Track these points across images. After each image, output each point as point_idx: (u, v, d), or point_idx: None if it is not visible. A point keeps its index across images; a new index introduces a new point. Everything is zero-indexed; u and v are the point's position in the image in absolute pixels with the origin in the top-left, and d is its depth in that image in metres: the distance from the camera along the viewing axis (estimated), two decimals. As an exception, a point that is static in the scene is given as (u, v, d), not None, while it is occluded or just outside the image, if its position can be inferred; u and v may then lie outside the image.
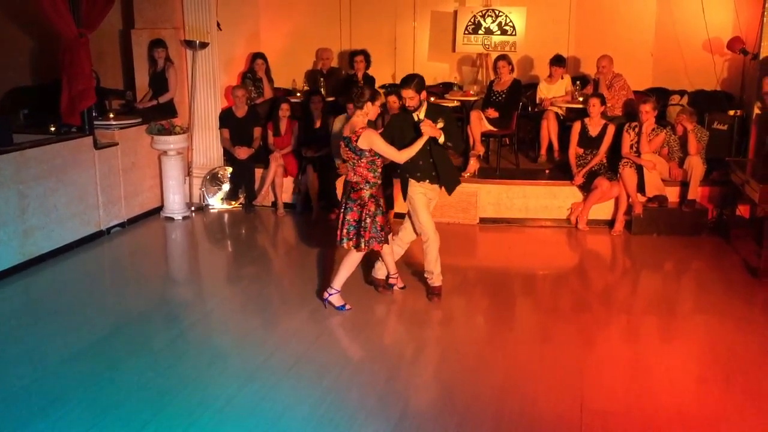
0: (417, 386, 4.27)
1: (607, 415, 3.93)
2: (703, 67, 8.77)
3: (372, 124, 5.56)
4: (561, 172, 7.72)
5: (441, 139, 5.18)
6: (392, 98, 7.83)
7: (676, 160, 7.28)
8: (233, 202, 8.23)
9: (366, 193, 5.14)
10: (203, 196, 8.29)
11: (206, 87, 8.25)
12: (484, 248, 7.25)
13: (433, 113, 5.28)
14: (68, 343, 4.84)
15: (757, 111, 7.28)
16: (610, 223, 7.35)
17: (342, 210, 5.24)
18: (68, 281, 6.17)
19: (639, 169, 7.14)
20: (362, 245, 5.15)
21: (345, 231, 5.19)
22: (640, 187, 7.15)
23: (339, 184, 7.82)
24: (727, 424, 3.85)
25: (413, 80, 5.21)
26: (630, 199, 7.17)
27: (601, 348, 4.91)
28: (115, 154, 7.26)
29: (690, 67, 8.84)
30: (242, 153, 8.09)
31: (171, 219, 7.81)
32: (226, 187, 8.27)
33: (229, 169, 8.26)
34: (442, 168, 5.39)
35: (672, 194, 7.27)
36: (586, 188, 7.34)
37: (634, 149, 7.24)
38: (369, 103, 5.08)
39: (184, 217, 7.87)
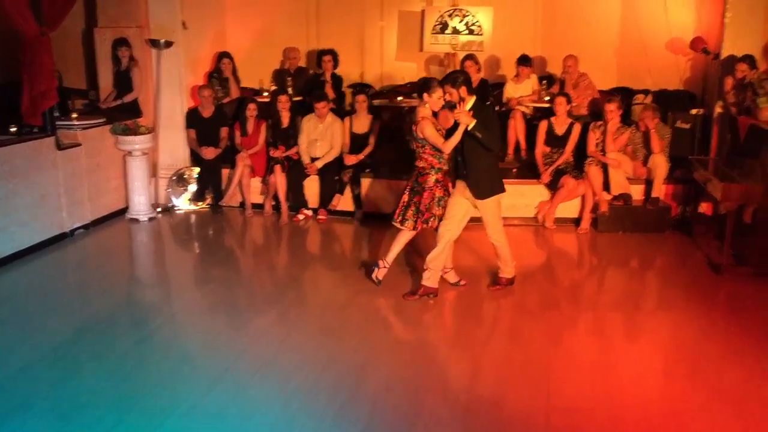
0: (385, 387, 4.26)
1: (574, 412, 3.97)
2: (666, 67, 8.91)
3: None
4: (528, 170, 7.78)
5: (470, 126, 5.19)
6: (361, 97, 7.85)
7: (641, 159, 7.38)
8: (200, 203, 8.15)
9: (432, 178, 5.50)
10: (169, 197, 8.19)
11: (172, 86, 8.16)
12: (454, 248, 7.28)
13: (477, 110, 5.31)
14: (31, 347, 4.74)
15: (718, 110, 7.42)
16: (577, 221, 7.43)
17: (408, 192, 5.61)
18: (30, 284, 6.04)
19: (604, 168, 7.23)
20: (418, 225, 5.54)
21: (410, 212, 5.55)
22: (606, 186, 7.24)
23: (307, 184, 7.80)
24: (692, 419, 3.91)
25: (451, 75, 5.43)
26: (596, 197, 7.25)
27: (568, 345, 4.96)
28: (78, 155, 7.13)
29: (653, 66, 8.97)
30: (209, 153, 8.01)
31: (136, 220, 7.71)
32: (192, 187, 8.19)
33: (196, 170, 8.17)
34: (472, 166, 5.37)
35: (636, 192, 7.37)
36: (553, 187, 7.41)
37: (600, 148, 7.33)
38: (426, 95, 5.41)
39: (150, 219, 7.76)
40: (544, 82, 8.60)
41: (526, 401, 4.09)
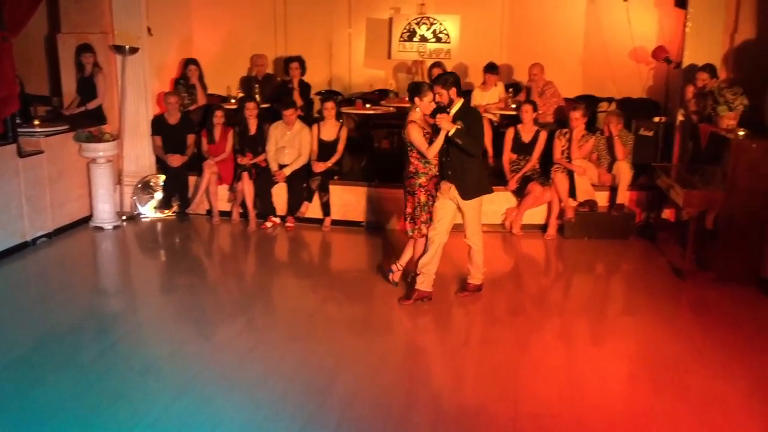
0: (353, 394, 4.25)
1: (540, 418, 3.99)
2: (629, 76, 9.07)
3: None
4: (495, 177, 7.81)
5: (451, 132, 5.23)
6: (329, 104, 7.84)
7: (605, 166, 7.48)
8: (166, 211, 8.05)
9: (416, 182, 5.55)
10: (135, 204, 8.08)
11: (137, 93, 8.06)
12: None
13: (464, 113, 5.38)
14: (-10, 359, 4.64)
15: (680, 118, 7.56)
16: (544, 228, 7.50)
17: (404, 199, 5.69)
18: (-9, 295, 5.92)
19: (570, 175, 7.31)
20: (414, 232, 5.63)
21: (407, 220, 5.66)
22: (572, 192, 7.32)
23: (276, 192, 7.76)
24: (656, 423, 3.96)
25: (442, 77, 5.52)
26: (562, 204, 7.33)
27: (536, 351, 4.99)
28: (40, 162, 7.00)
29: (617, 75, 9.12)
30: (175, 160, 7.93)
31: (101, 229, 7.59)
32: (158, 195, 8.09)
33: (162, 177, 8.08)
34: (458, 167, 5.40)
35: (601, 199, 7.47)
36: (520, 193, 7.47)
37: (566, 155, 7.41)
38: (417, 98, 5.44)
39: (115, 227, 7.65)
40: (511, 90, 8.69)
41: (494, 407, 4.10)
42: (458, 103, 5.37)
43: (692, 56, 7.39)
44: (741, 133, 5.95)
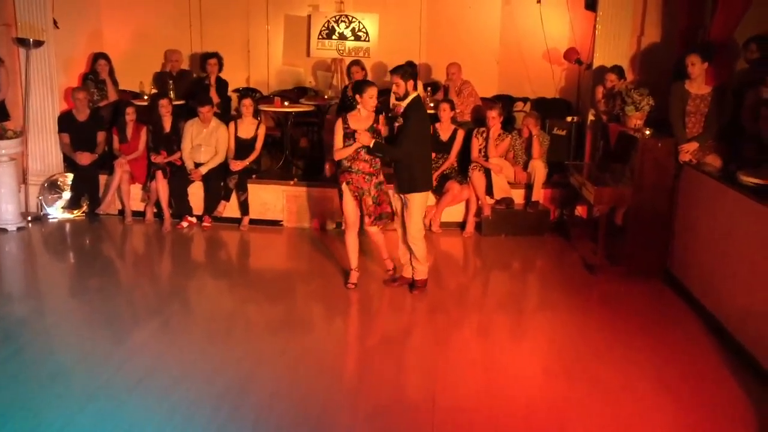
0: (271, 395, 4.18)
1: (458, 412, 4.04)
2: (543, 76, 9.29)
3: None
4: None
5: (371, 145, 5.45)
6: (247, 101, 7.72)
7: (521, 164, 7.65)
8: (75, 211, 7.73)
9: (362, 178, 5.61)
10: (41, 205, 7.73)
11: (42, 88, 7.74)
12: (340, 253, 7.26)
13: (411, 109, 5.46)
14: None
15: (591, 117, 7.80)
16: (462, 225, 7.60)
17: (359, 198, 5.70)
18: None
19: (487, 173, 7.43)
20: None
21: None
22: (489, 190, 7.45)
23: (192, 191, 7.57)
24: (570, 413, 4.07)
25: (401, 67, 5.54)
26: (479, 202, 7.45)
27: (454, 346, 5.04)
28: (-64, 161, 6.61)
29: (532, 75, 9.34)
30: (84, 159, 7.63)
31: (4, 230, 7.21)
32: (66, 194, 7.76)
33: (70, 176, 7.75)
34: (398, 165, 5.57)
35: (517, 196, 7.62)
36: (439, 191, 7.54)
37: (483, 154, 7.53)
38: (357, 96, 5.53)
39: (19, 228, 7.28)
40: (429, 88, 8.76)
41: (413, 402, 4.13)
42: (411, 96, 5.48)
43: (602, 58, 7.64)
44: (647, 132, 6.18)
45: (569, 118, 8.30)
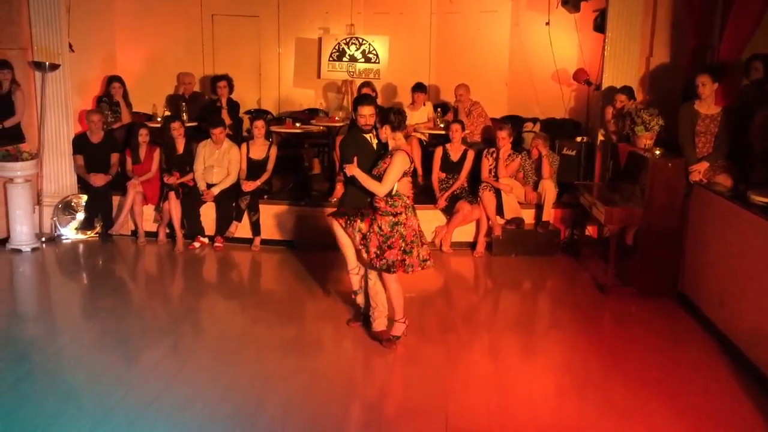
0: (283, 416, 4.19)
1: (470, 432, 4.03)
2: (552, 97, 9.34)
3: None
4: (425, 196, 7.90)
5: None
6: (259, 123, 7.80)
7: (531, 184, 7.67)
8: (89, 232, 7.80)
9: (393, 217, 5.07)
10: (55, 226, 7.81)
11: (57, 111, 7.85)
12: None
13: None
14: None
15: (600, 138, 7.82)
16: (473, 245, 7.61)
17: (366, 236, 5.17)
18: None
19: (497, 193, 7.46)
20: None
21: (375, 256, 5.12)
22: (499, 210, 7.47)
23: (204, 211, 7.63)
24: (581, 434, 4.06)
25: (371, 97, 5.17)
26: (490, 222, 7.46)
27: (466, 367, 5.02)
28: (-48, 182, 6.71)
29: (541, 96, 9.39)
30: (98, 180, 7.71)
31: (18, 251, 7.29)
32: (80, 215, 7.84)
33: (84, 197, 7.84)
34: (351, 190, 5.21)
35: (528, 216, 7.64)
36: (449, 211, 7.57)
37: (493, 173, 7.56)
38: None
39: (33, 249, 7.36)
40: (439, 109, 8.82)
41: (425, 423, 4.12)
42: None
43: (611, 79, 7.66)
44: (657, 152, 6.19)
45: (579, 139, 8.33)
